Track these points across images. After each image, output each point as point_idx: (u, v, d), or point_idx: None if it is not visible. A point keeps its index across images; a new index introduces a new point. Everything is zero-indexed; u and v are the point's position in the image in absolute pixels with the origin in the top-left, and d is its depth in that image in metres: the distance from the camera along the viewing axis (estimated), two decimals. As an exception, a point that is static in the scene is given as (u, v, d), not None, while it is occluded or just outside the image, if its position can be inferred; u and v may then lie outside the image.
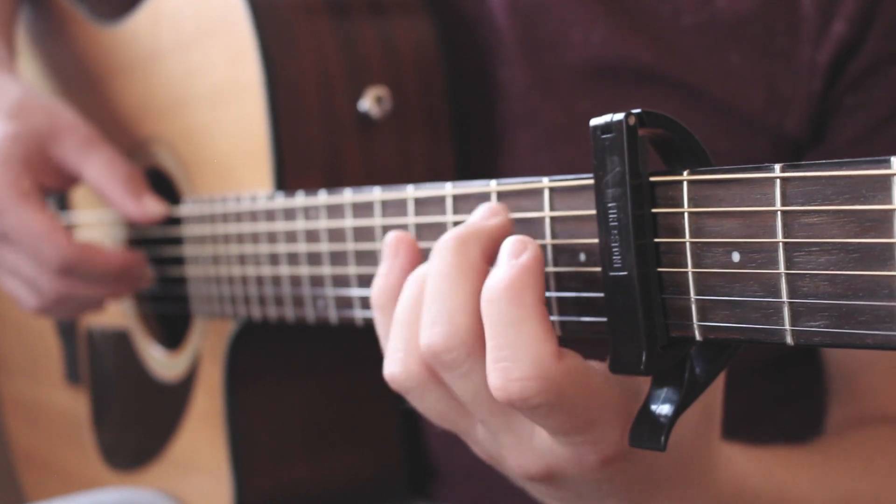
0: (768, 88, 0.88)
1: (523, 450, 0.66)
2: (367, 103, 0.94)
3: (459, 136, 0.98)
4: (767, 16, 0.88)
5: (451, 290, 0.62)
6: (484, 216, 0.65)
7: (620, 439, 0.63)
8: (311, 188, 0.87)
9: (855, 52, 0.86)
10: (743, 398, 0.93)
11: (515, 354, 0.59)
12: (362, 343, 1.05)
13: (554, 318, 0.65)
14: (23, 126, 1.03)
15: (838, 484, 0.83)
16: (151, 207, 1.04)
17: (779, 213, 0.52)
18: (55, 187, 1.07)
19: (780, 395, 1.02)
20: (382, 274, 0.69)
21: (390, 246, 0.69)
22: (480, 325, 0.61)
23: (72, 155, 1.04)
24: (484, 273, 0.62)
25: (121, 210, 1.05)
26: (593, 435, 0.62)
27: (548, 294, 0.65)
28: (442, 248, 0.63)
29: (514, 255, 0.60)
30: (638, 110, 0.57)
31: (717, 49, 0.89)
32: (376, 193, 0.77)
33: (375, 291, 0.69)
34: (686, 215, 0.56)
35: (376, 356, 0.73)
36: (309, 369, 1.05)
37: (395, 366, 0.66)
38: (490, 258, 0.63)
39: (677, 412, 0.59)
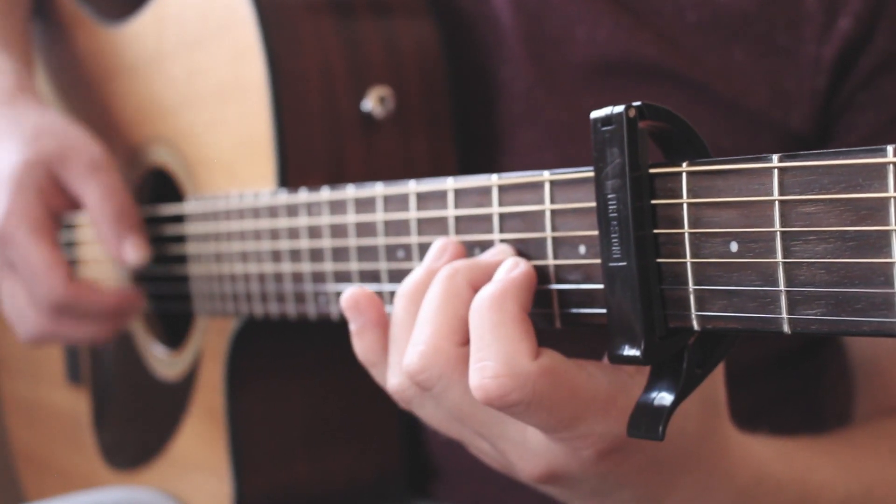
0: (772, 84, 0.89)
1: (522, 453, 0.69)
2: (371, 103, 0.95)
3: (462, 134, 0.99)
4: (770, 12, 0.89)
5: (425, 319, 0.66)
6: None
7: (611, 432, 0.64)
8: (313, 188, 0.87)
9: (862, 49, 0.87)
10: (744, 397, 0.93)
11: (491, 354, 0.62)
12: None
13: (553, 310, 0.65)
14: (36, 152, 1.05)
15: (864, 471, 0.84)
16: (130, 252, 1.05)
17: (776, 202, 0.52)
18: (66, 210, 1.08)
19: (781, 394, 1.03)
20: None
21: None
22: (454, 348, 0.65)
23: (74, 180, 1.05)
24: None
25: (103, 244, 1.06)
26: (580, 430, 0.64)
27: (548, 287, 0.65)
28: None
29: (507, 271, 0.64)
30: (638, 103, 0.58)
31: (721, 45, 0.90)
32: (378, 189, 0.78)
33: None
34: (685, 206, 0.57)
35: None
36: (310, 368, 1.06)
37: (393, 378, 0.71)
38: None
39: (675, 402, 0.59)
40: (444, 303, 0.65)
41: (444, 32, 0.99)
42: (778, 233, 0.52)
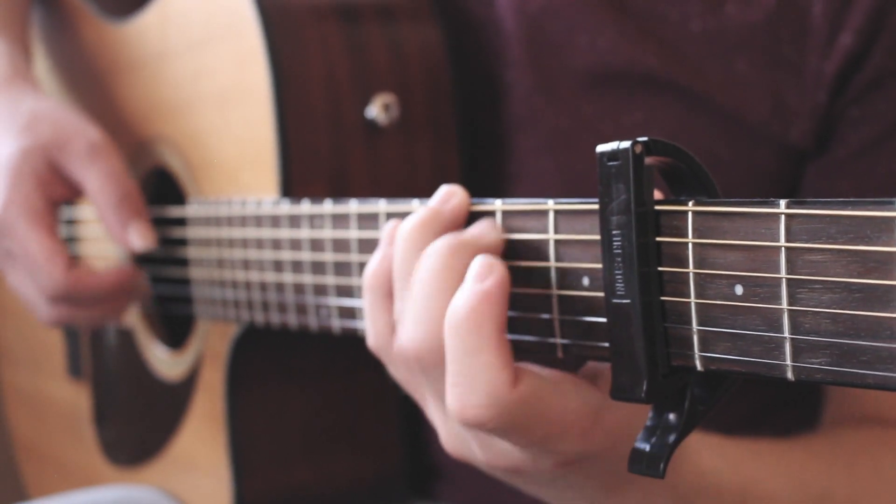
0: (774, 97, 0.88)
1: (487, 449, 0.71)
2: (375, 110, 0.94)
3: (465, 138, 0.98)
4: (776, 25, 0.88)
5: (427, 300, 0.66)
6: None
7: (574, 450, 0.66)
8: (316, 194, 0.87)
9: (861, 64, 0.86)
10: (742, 404, 0.93)
11: (471, 382, 0.62)
12: (364, 347, 1.05)
13: (556, 340, 0.65)
14: (33, 140, 1.03)
15: (814, 481, 0.84)
16: (135, 239, 1.03)
17: (783, 248, 0.52)
18: (66, 198, 1.07)
19: (780, 399, 1.02)
20: (378, 259, 0.72)
21: (388, 234, 0.72)
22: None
23: (75, 166, 1.03)
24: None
25: (107, 231, 1.05)
26: (547, 447, 0.66)
27: (550, 316, 0.65)
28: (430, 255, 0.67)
29: (479, 278, 0.63)
30: (645, 138, 0.57)
31: (725, 56, 0.89)
32: (381, 205, 0.77)
33: (368, 273, 0.73)
34: (690, 245, 0.56)
35: (378, 360, 0.75)
36: (310, 372, 1.06)
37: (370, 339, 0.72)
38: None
39: (677, 440, 0.59)
40: (443, 281, 0.65)
41: (449, 38, 0.98)
42: (784, 279, 0.52)
